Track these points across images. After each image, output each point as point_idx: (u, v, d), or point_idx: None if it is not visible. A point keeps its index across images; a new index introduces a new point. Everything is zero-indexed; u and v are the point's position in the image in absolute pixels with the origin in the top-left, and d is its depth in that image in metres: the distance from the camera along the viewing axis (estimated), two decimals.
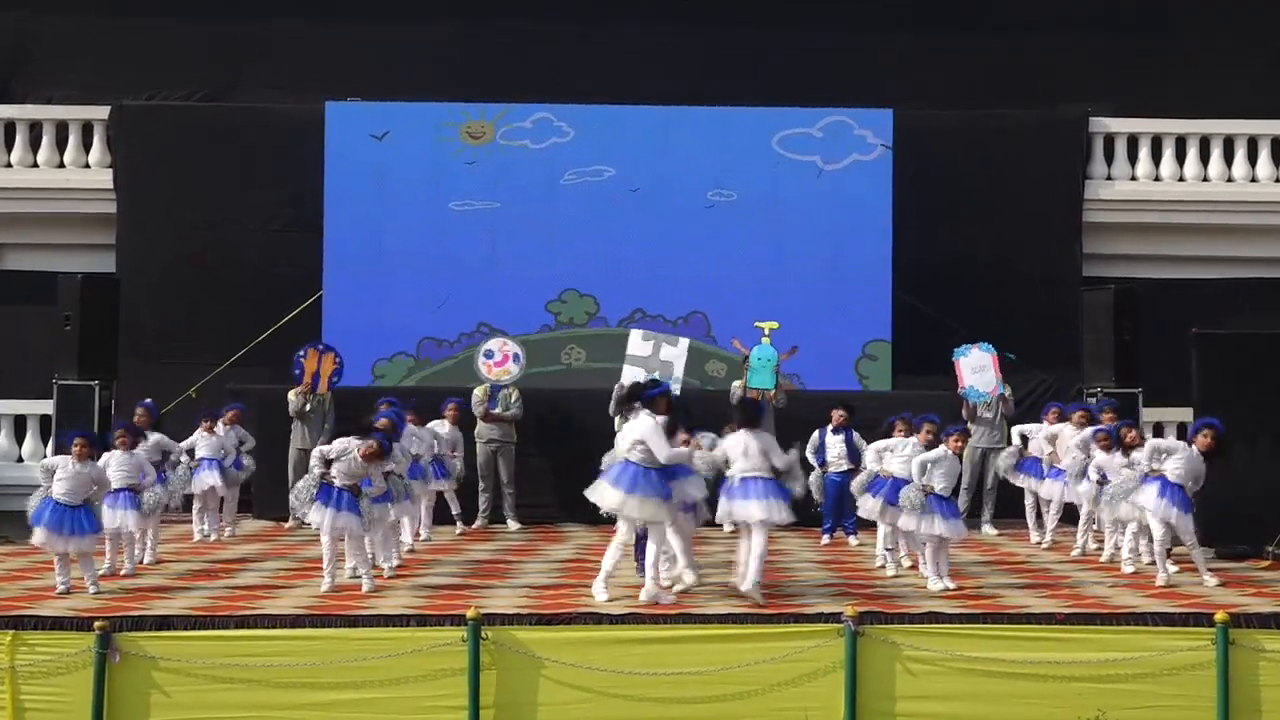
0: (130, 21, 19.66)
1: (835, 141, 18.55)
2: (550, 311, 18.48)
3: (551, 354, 18.29)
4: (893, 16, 19.76)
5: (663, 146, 18.58)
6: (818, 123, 18.58)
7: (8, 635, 9.68)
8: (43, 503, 11.04)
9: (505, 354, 16.16)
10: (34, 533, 11.06)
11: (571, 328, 18.35)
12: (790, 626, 9.93)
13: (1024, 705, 9.78)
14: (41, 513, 10.99)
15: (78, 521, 10.98)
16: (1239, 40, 19.86)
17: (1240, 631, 9.85)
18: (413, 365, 18.39)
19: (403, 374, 18.31)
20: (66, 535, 10.94)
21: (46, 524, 10.93)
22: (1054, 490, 14.20)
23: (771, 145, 18.51)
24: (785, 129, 18.55)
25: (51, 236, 19.32)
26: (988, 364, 15.57)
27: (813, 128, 18.57)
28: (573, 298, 18.49)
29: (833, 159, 18.54)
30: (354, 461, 11.15)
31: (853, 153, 18.55)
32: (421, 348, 18.37)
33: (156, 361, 18.40)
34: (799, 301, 17.90)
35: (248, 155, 19.06)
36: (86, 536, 11.05)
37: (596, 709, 9.68)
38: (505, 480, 15.87)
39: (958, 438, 11.57)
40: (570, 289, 18.47)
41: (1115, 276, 18.71)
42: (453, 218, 18.46)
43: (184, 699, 9.64)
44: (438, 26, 19.70)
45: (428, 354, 18.25)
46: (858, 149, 18.56)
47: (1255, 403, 13.40)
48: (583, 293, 18.48)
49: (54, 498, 11.00)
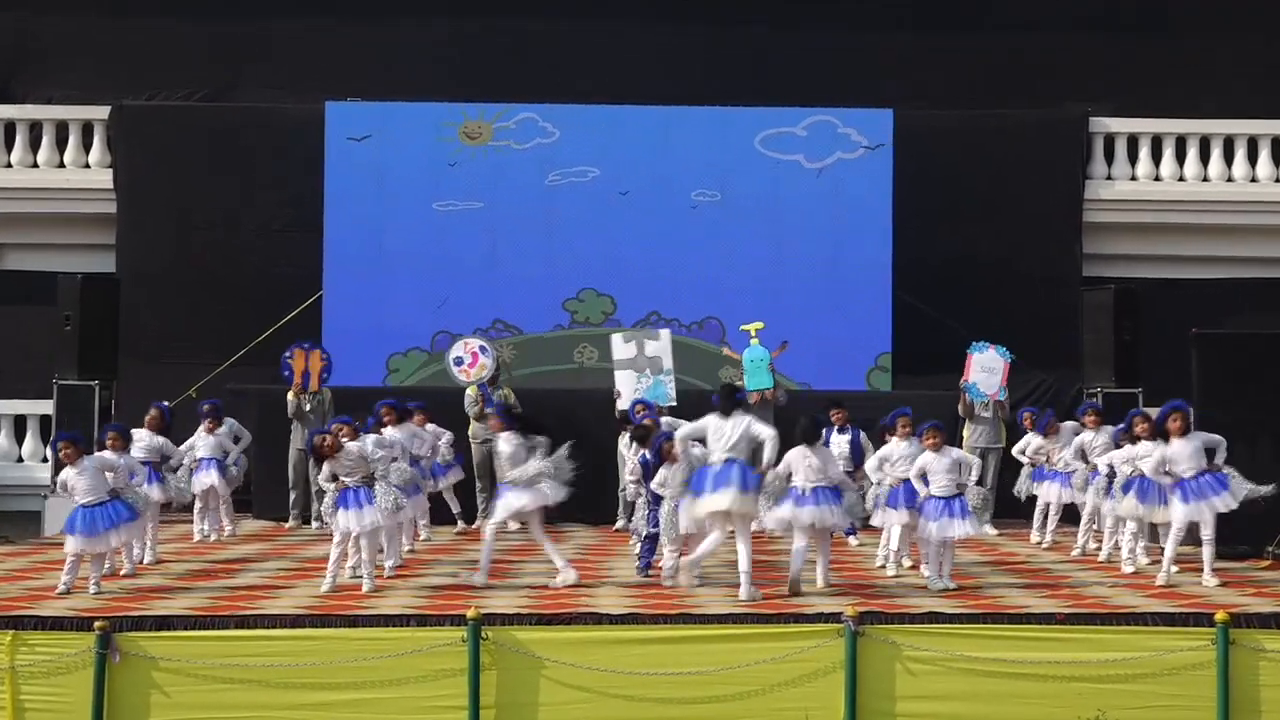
0: (130, 21, 19.68)
1: (819, 140, 18.53)
2: (567, 310, 18.46)
3: (564, 353, 18.26)
4: (893, 16, 19.78)
5: (662, 146, 18.57)
6: (801, 122, 18.57)
7: (8, 635, 9.67)
8: (72, 514, 11.11)
9: (472, 353, 16.07)
10: (67, 541, 11.06)
11: (587, 327, 18.29)
12: (790, 626, 9.92)
13: (1024, 705, 9.77)
14: (72, 523, 11.05)
15: (107, 515, 11.03)
16: (1239, 40, 19.87)
17: (1240, 631, 9.83)
18: (427, 359, 18.37)
19: (416, 367, 18.29)
20: (104, 531, 10.98)
21: (79, 530, 10.97)
22: (1053, 492, 14.19)
23: (754, 145, 18.51)
24: (768, 129, 18.54)
25: (51, 236, 19.33)
26: (999, 368, 15.58)
27: (796, 126, 18.57)
28: (590, 297, 18.47)
29: (816, 157, 18.53)
30: (336, 464, 11.24)
31: (836, 151, 18.54)
32: (435, 342, 18.34)
33: (156, 361, 18.41)
34: (797, 302, 17.91)
35: (248, 155, 19.06)
36: (122, 527, 11.12)
37: (596, 709, 9.68)
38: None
39: (929, 434, 11.58)
40: (589, 288, 18.44)
41: (1115, 276, 18.72)
42: (454, 217, 18.44)
43: (184, 699, 9.63)
44: (437, 26, 19.72)
45: (442, 347, 18.20)
46: (842, 147, 18.54)
47: (1255, 403, 13.40)
48: (601, 292, 18.46)
49: (79, 505, 11.07)
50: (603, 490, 15.23)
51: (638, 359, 15.76)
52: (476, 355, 16.06)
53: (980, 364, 15.62)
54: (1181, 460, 11.70)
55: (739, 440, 10.93)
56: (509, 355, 18.11)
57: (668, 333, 16.13)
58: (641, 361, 15.73)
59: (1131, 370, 16.76)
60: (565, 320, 18.42)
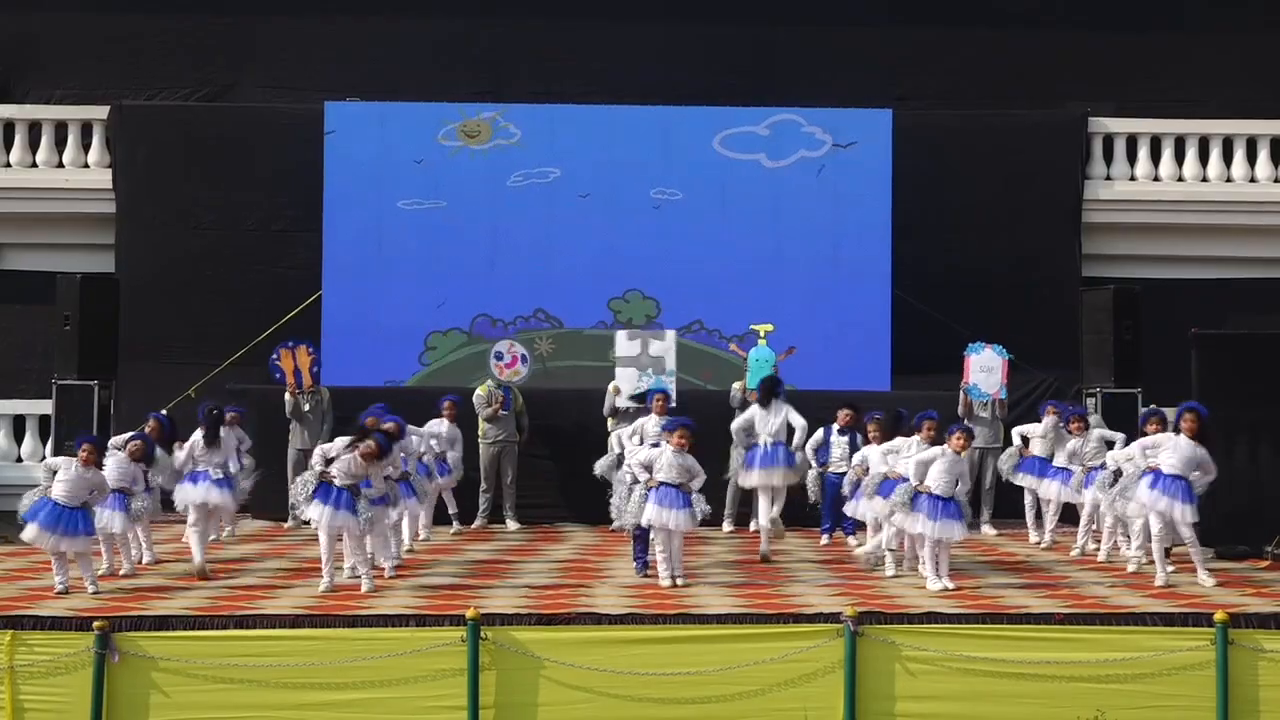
0: (130, 22, 19.68)
1: (819, 140, 18.49)
2: (611, 309, 18.41)
3: (602, 350, 18.12)
4: (892, 15, 19.77)
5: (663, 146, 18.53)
6: (801, 121, 18.56)
7: (7, 635, 9.67)
8: (39, 501, 11.03)
9: (514, 355, 16.23)
10: (25, 529, 11.03)
11: (629, 328, 18.07)
12: (790, 626, 9.92)
13: (1024, 705, 9.77)
14: (37, 511, 10.97)
15: (73, 522, 10.95)
16: (1239, 40, 19.87)
17: (1239, 631, 9.84)
18: (465, 340, 18.35)
19: (455, 346, 18.28)
20: (60, 534, 10.91)
21: (41, 522, 10.91)
22: (1053, 490, 14.19)
23: (712, 145, 18.49)
24: (729, 128, 18.51)
25: (51, 236, 19.33)
26: (997, 367, 15.60)
27: (759, 125, 18.54)
28: (636, 299, 18.41)
29: (778, 157, 18.51)
30: (353, 461, 11.15)
31: (800, 149, 18.51)
32: (475, 324, 18.33)
33: (156, 361, 18.41)
34: (796, 303, 17.88)
35: (248, 155, 19.06)
36: (80, 537, 11.02)
37: (596, 709, 9.68)
38: (509, 481, 15.88)
39: (960, 435, 11.50)
40: (635, 289, 18.41)
41: (1115, 276, 18.71)
42: (453, 216, 18.44)
43: (183, 699, 9.63)
44: (437, 26, 19.71)
45: (481, 331, 18.15)
46: (805, 145, 18.52)
47: (1255, 403, 13.38)
48: (646, 294, 18.43)
49: (52, 498, 11.00)
50: (603, 490, 15.20)
51: (641, 357, 15.80)
52: (517, 359, 16.19)
53: (978, 364, 15.64)
54: (1174, 458, 11.62)
55: (780, 426, 12.86)
56: (547, 348, 18.13)
57: (673, 334, 16.16)
58: (645, 360, 15.76)
59: (1131, 370, 16.75)
60: (609, 319, 18.34)
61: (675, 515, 11.37)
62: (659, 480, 11.45)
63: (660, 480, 11.45)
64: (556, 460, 16.33)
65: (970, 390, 15.60)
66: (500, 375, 16.06)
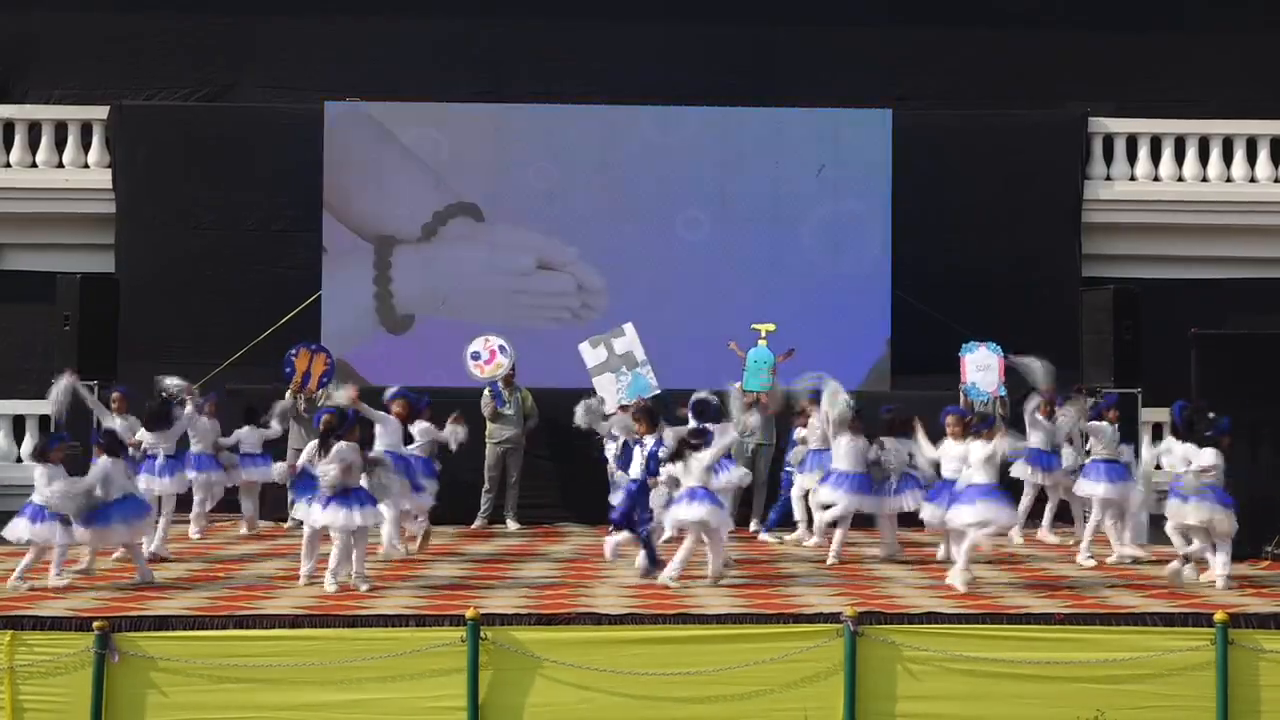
0: (130, 21, 19.68)
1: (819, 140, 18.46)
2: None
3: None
4: (892, 15, 19.76)
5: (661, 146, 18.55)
6: (801, 121, 18.50)
7: (6, 635, 9.68)
8: (103, 506, 11.38)
9: (491, 350, 16.02)
10: (106, 532, 11.46)
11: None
12: (790, 627, 9.93)
13: (1024, 705, 9.78)
14: (108, 514, 11.39)
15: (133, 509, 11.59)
16: (1239, 40, 19.87)
17: (1240, 632, 9.85)
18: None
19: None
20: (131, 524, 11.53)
21: (119, 520, 11.42)
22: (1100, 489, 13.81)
23: (752, 144, 18.45)
24: (768, 128, 18.48)
25: (51, 236, 19.32)
26: (993, 364, 15.60)
27: (796, 126, 18.49)
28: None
29: (815, 157, 18.45)
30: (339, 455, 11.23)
31: (799, 149, 18.46)
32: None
33: (156, 361, 18.25)
34: (795, 303, 17.87)
35: (247, 155, 19.06)
36: (133, 522, 11.59)
37: (596, 709, 9.68)
38: (513, 481, 15.85)
39: (989, 433, 11.73)
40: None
41: (1115, 276, 18.69)
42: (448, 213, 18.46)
43: (183, 699, 9.64)
44: (437, 26, 19.71)
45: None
46: (805, 145, 18.48)
47: (1255, 403, 13.37)
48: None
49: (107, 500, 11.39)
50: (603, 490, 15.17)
51: (610, 360, 15.63)
52: (494, 353, 16.02)
53: (974, 363, 15.65)
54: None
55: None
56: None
57: (630, 326, 15.87)
58: (614, 361, 15.61)
59: (1131, 370, 16.72)
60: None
61: (716, 513, 11.62)
62: (690, 485, 11.55)
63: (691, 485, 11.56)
64: (557, 460, 16.31)
65: (969, 390, 15.59)
66: (481, 375, 15.94)
